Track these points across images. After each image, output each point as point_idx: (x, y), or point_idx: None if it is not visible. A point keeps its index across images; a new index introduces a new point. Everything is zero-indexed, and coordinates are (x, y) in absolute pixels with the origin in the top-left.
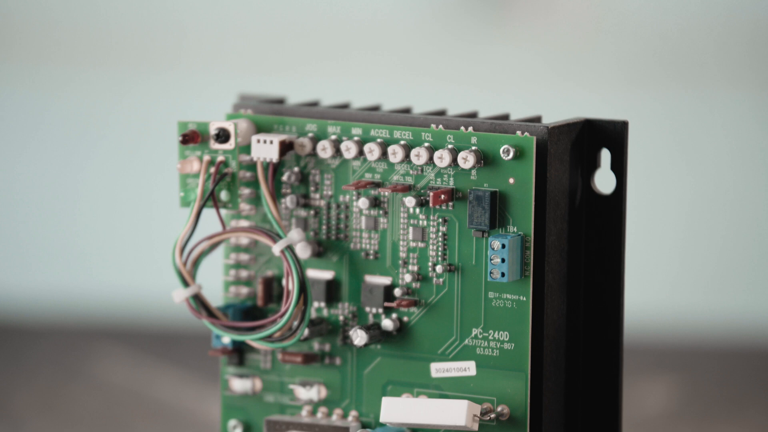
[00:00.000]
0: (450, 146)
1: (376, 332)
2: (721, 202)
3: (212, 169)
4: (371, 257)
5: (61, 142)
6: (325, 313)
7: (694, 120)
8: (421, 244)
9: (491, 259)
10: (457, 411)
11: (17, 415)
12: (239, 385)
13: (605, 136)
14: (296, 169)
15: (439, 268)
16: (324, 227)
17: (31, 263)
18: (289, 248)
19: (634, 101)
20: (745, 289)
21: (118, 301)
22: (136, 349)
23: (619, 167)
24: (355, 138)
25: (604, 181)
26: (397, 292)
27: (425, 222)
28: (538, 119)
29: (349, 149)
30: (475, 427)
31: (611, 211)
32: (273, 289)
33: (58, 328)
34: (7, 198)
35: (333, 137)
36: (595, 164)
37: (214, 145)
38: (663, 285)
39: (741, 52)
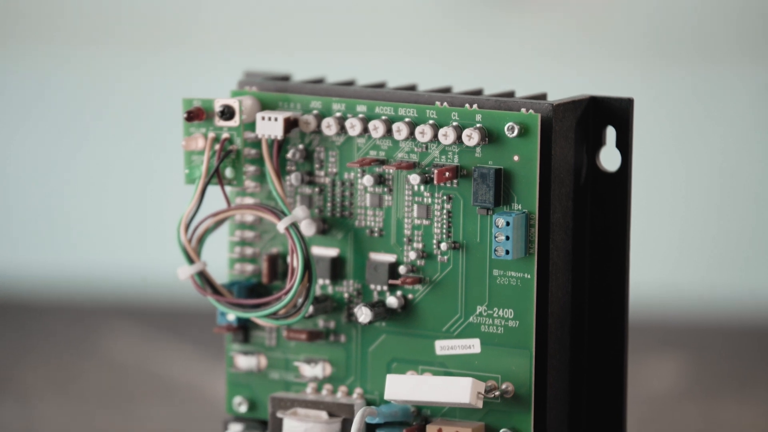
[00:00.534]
0: (455, 123)
1: (380, 309)
2: (727, 178)
3: (217, 147)
4: (376, 234)
5: (69, 121)
6: (329, 290)
7: (699, 97)
8: (425, 222)
9: (496, 237)
10: (462, 388)
11: (26, 392)
12: (244, 362)
13: (610, 114)
14: (301, 146)
15: (443, 246)
16: (329, 204)
17: (40, 240)
18: (294, 225)
19: (639, 79)
20: (751, 267)
21: (127, 278)
22: (145, 326)
23: (624, 145)
24: (360, 115)
25: (609, 158)
26: (402, 269)
27: (430, 199)
28: (543, 96)
29: (353, 126)
30: (480, 404)
31: (616, 188)
32: (278, 267)
33: (67, 304)
34: (15, 175)
35: (338, 114)
36: (600, 142)
37: (219, 122)
38: (669, 263)
39: (748, 29)
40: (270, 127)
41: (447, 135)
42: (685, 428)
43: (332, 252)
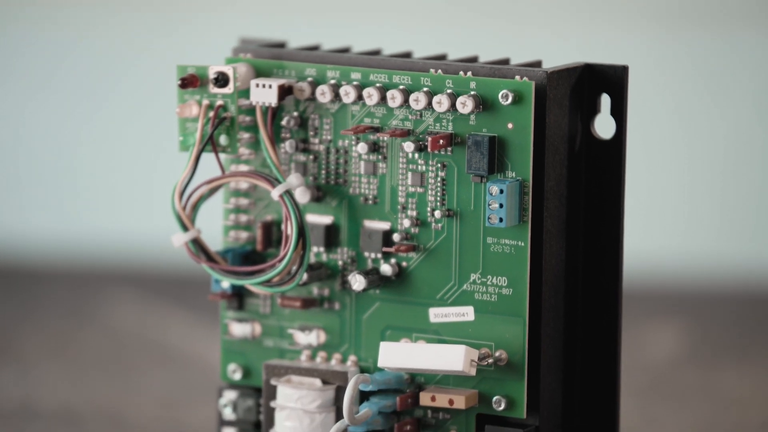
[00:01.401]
0: (449, 91)
1: (374, 277)
2: (722, 145)
3: (211, 114)
4: (370, 202)
5: (67, 87)
6: (324, 257)
7: (695, 65)
8: (419, 189)
9: (489, 205)
10: (455, 356)
11: (26, 359)
12: (239, 329)
13: (605, 81)
14: (295, 113)
15: (437, 214)
16: (323, 172)
17: (41, 206)
18: (288, 193)
19: (634, 46)
20: (749, 234)
21: (128, 244)
22: (145, 292)
23: (618, 112)
24: (354, 82)
25: (603, 126)
26: (396, 237)
27: (424, 167)
28: (538, 64)
29: (348, 94)
30: (473, 372)
31: (611, 156)
32: (272, 234)
33: (69, 271)
34: (13, 143)
35: (332, 82)
36: (594, 109)
37: (213, 89)
38: (664, 230)
39: None
40: (264, 94)
41: (441, 102)
42: (685, 395)
43: (326, 219)
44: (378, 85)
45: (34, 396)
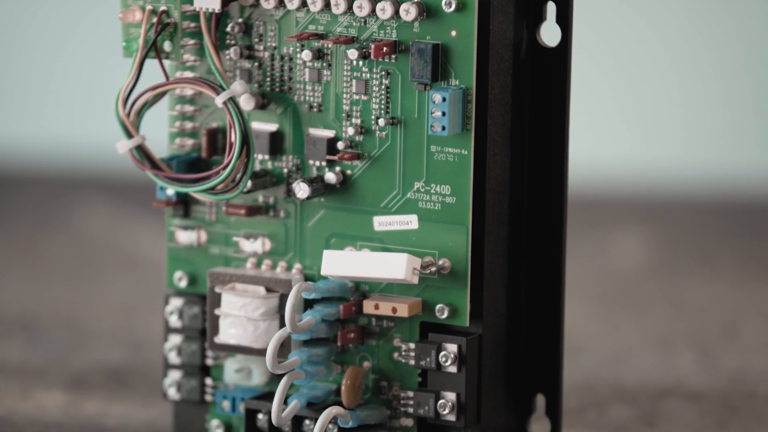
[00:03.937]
0: None
1: (319, 185)
2: (671, 48)
3: (155, 19)
4: (315, 110)
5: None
6: (269, 165)
7: None
8: (364, 97)
9: (432, 113)
10: (397, 264)
11: None
12: (184, 236)
13: None
14: (240, 20)
15: (381, 122)
16: (268, 79)
17: (11, 112)
18: (232, 100)
19: None
20: (709, 140)
21: (99, 151)
22: (118, 200)
23: (564, 20)
24: None
25: (549, 33)
26: (341, 145)
27: (368, 75)
28: None
29: (291, 0)
30: (415, 280)
31: (557, 63)
32: (218, 141)
33: (39, 178)
34: None
35: None
36: (540, 17)
37: None
38: (618, 137)
39: None
40: None
41: (384, 9)
42: (647, 303)
43: (271, 127)
44: None
45: None
